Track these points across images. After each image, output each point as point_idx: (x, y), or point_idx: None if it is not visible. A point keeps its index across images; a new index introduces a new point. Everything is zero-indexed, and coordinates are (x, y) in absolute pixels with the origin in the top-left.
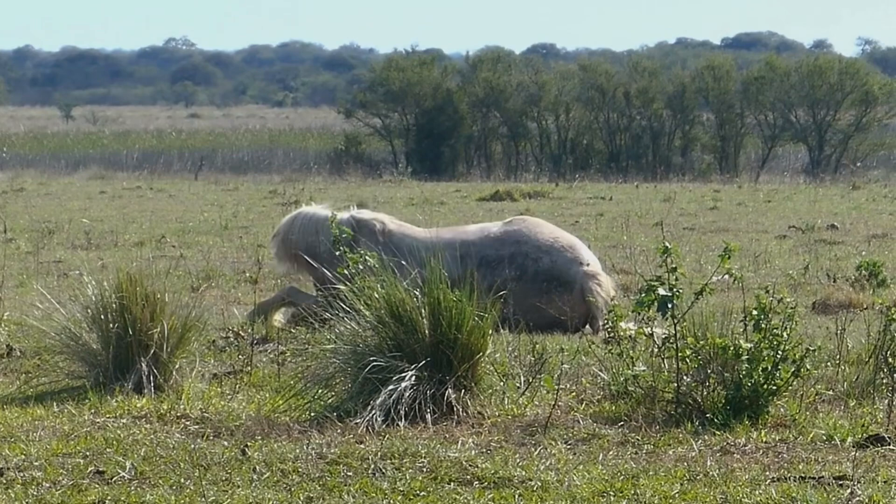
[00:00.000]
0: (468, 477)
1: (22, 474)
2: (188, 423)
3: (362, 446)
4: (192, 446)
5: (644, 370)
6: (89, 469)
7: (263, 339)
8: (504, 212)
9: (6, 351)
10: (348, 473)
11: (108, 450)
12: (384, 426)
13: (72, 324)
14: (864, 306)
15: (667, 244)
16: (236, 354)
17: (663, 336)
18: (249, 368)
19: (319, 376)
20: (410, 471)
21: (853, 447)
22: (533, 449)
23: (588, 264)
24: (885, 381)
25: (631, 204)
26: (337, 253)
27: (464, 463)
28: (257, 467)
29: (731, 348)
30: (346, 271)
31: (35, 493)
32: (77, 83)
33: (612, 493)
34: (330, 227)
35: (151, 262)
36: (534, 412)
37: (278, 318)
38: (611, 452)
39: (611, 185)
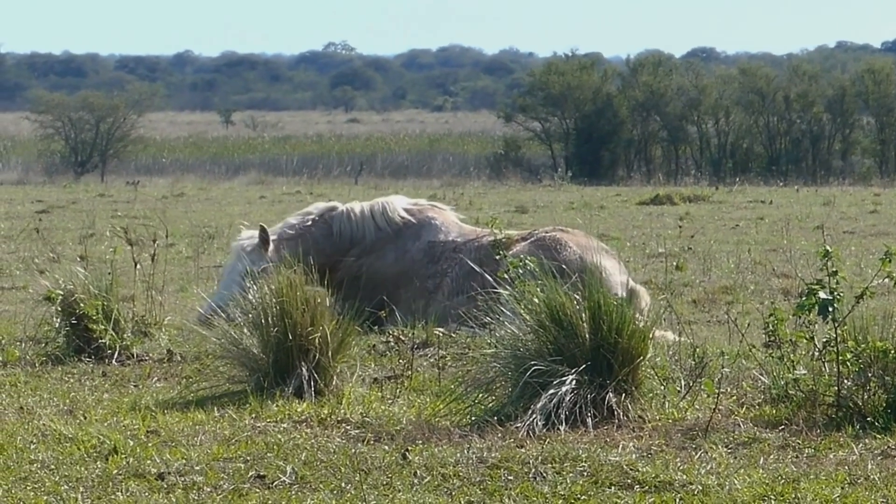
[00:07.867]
0: (629, 481)
1: (183, 479)
2: (349, 427)
3: (523, 450)
4: (353, 451)
5: (805, 374)
6: (250, 474)
7: (424, 343)
8: (664, 215)
9: (167, 356)
10: (509, 478)
11: (268, 454)
12: (545, 430)
13: (232, 329)
14: None
15: (827, 248)
16: (397, 359)
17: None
18: (410, 373)
19: (480, 380)
20: (571, 475)
21: None
22: (693, 453)
23: None
24: None
25: (791, 208)
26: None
27: (624, 467)
28: (418, 471)
29: (892, 352)
30: (506, 275)
31: (196, 498)
32: (236, 88)
33: (772, 496)
34: None
35: None
36: (694, 416)
37: None
38: (771, 456)
39: (771, 188)
